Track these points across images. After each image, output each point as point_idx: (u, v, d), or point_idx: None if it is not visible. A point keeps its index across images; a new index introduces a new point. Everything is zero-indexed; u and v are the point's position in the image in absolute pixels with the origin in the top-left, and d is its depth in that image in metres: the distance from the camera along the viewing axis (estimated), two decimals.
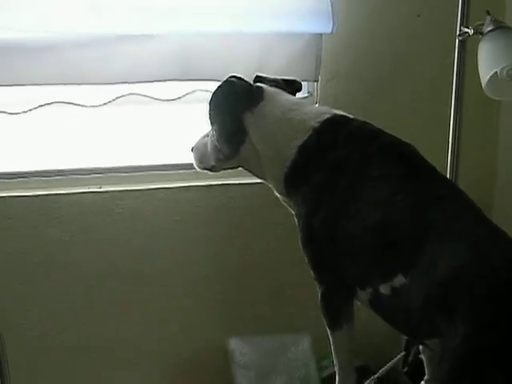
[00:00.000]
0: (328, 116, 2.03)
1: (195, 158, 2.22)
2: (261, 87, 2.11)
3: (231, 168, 2.20)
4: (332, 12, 2.62)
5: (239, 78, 2.12)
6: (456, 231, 1.81)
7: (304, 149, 2.00)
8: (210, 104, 2.13)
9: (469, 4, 2.56)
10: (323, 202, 1.99)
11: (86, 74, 2.51)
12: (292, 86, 2.19)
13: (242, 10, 2.59)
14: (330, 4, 2.61)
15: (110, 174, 2.70)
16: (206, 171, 2.22)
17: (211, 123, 2.13)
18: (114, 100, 2.58)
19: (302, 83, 2.45)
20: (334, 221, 1.97)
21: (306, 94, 2.73)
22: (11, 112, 2.52)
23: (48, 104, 2.53)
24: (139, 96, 2.61)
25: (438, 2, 2.81)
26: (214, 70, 2.56)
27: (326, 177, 1.99)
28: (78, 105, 2.55)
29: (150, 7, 2.47)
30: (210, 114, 2.14)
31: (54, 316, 2.67)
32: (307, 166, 2.02)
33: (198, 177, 2.60)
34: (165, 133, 2.79)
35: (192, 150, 2.23)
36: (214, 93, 2.13)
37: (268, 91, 2.09)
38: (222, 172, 2.24)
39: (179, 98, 2.65)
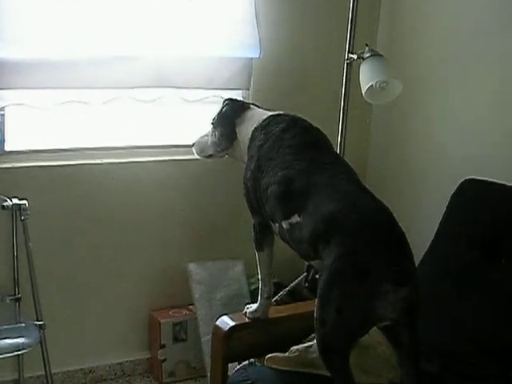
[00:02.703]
0: (272, 113, 2.34)
1: (197, 150, 2.53)
2: (248, 104, 2.47)
3: (220, 157, 2.50)
4: (260, 44, 3.14)
5: (235, 99, 2.51)
6: (334, 187, 2.04)
7: (254, 129, 2.32)
8: (217, 115, 2.45)
9: (354, 38, 3.08)
10: (253, 160, 2.27)
11: (92, 81, 2.90)
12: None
13: (201, 41, 3.04)
14: (258, 38, 3.13)
15: (111, 151, 3.09)
16: (204, 159, 2.53)
17: (214, 127, 2.46)
18: (111, 100, 2.99)
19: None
20: (257, 174, 2.22)
21: (241, 98, 3.11)
22: (44, 108, 2.86)
23: (68, 102, 2.89)
24: (128, 98, 3.02)
25: (333, 37, 3.26)
26: (180, 81, 3.05)
27: (259, 143, 2.27)
28: (87, 103, 2.95)
29: (138, 38, 2.90)
30: (214, 121, 2.46)
31: (87, 244, 3.07)
32: (254, 139, 2.32)
33: (174, 153, 3.15)
34: (145, 124, 3.20)
35: (193, 145, 2.54)
36: (220, 109, 2.46)
37: (251, 106, 2.45)
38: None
39: (154, 100, 3.07)
